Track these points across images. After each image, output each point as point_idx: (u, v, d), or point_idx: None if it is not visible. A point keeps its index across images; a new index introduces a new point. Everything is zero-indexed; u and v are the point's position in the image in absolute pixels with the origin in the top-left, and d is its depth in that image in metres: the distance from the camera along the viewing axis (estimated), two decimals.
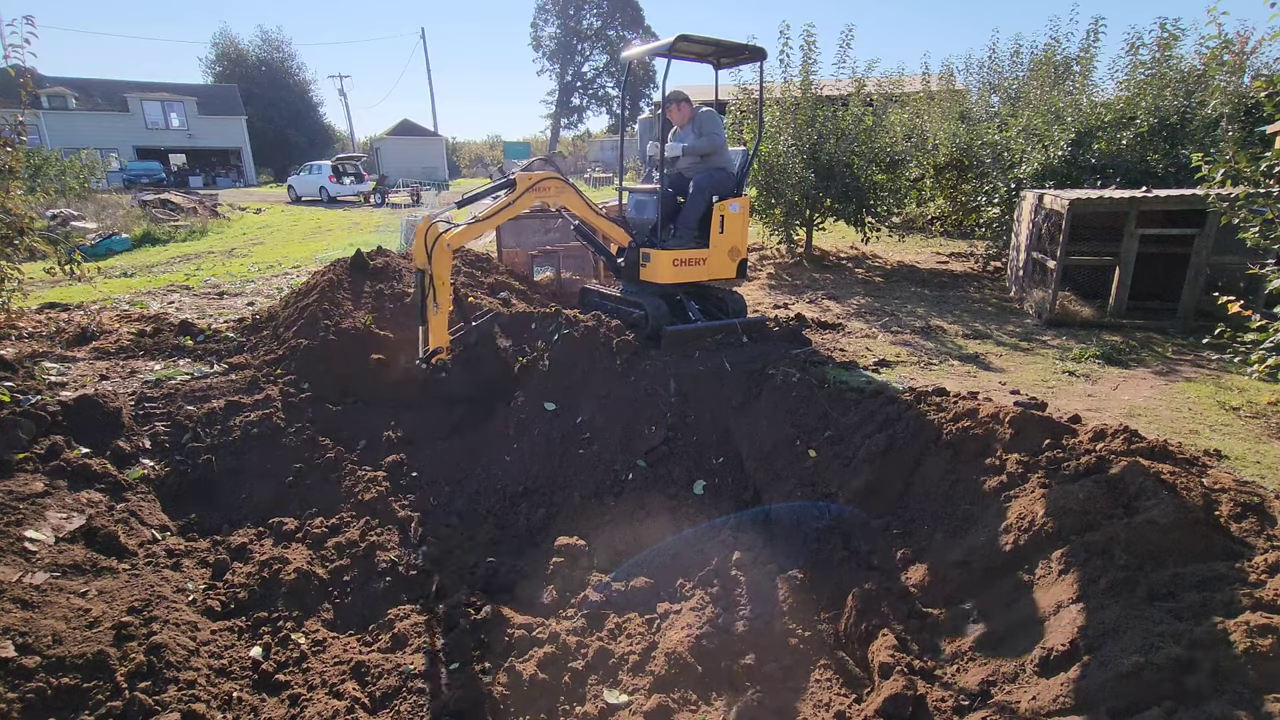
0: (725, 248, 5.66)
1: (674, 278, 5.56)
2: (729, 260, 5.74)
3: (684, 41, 5.28)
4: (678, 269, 5.52)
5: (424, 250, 4.48)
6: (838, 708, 2.78)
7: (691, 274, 5.63)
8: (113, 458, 4.06)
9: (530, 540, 4.26)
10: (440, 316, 4.60)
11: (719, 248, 5.64)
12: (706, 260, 5.62)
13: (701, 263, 5.61)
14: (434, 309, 4.56)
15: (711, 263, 5.66)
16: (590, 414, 4.84)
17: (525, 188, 4.95)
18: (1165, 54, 9.15)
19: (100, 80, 37.48)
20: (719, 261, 5.69)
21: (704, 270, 5.65)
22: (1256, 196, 4.45)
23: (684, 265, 5.54)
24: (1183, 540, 2.72)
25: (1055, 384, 4.98)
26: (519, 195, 4.93)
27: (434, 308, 4.56)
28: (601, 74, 63.25)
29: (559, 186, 5.17)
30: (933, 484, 3.65)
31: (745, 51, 5.82)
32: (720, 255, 5.67)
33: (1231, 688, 2.16)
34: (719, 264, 5.70)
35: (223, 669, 3.06)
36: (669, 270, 5.49)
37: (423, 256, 4.50)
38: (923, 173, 10.97)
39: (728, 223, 5.60)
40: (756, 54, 5.82)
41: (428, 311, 4.59)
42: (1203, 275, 6.20)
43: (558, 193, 5.18)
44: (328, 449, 4.61)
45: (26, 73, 5.49)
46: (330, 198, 26.79)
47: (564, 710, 2.95)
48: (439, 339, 4.66)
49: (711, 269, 5.68)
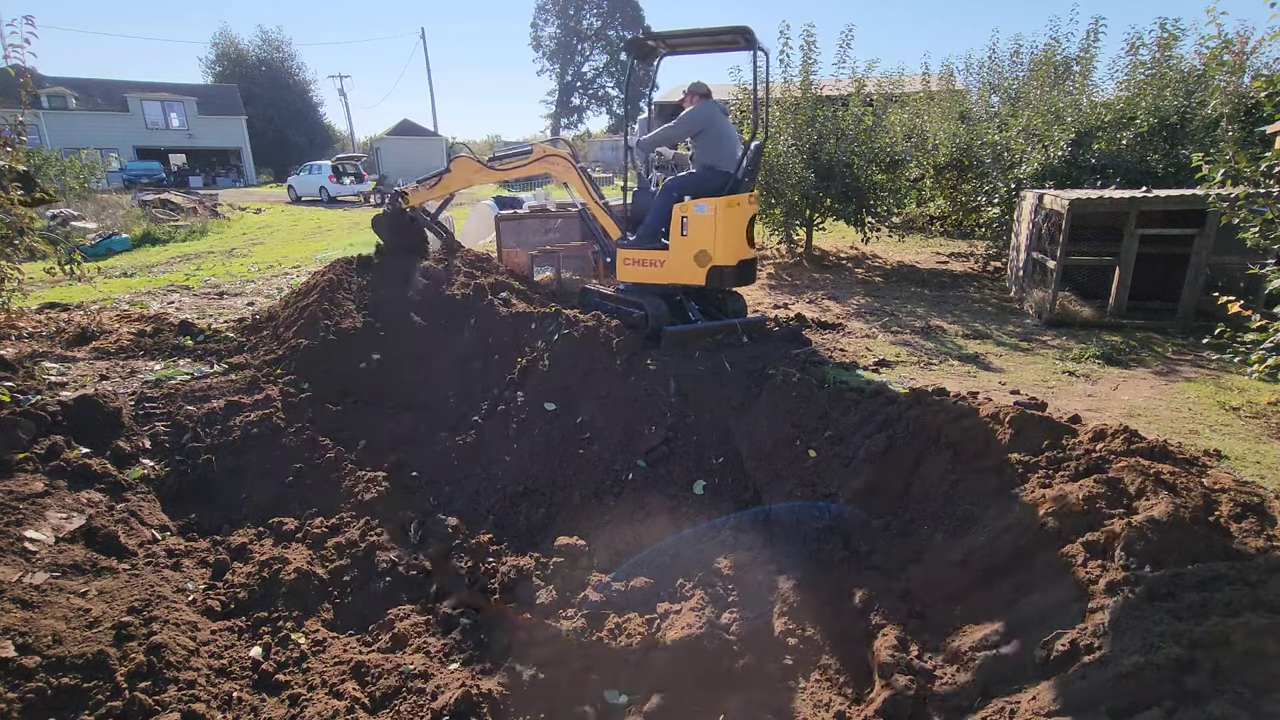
0: (689, 251, 5.26)
1: (628, 277, 5.56)
2: (693, 265, 5.27)
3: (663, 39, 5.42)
4: (629, 268, 5.50)
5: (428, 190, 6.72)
6: (838, 708, 2.78)
7: (647, 275, 5.42)
8: (113, 458, 4.06)
9: (530, 540, 4.26)
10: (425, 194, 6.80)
11: (680, 251, 5.29)
12: (664, 263, 5.32)
13: (659, 264, 5.33)
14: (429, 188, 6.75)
15: (670, 266, 5.32)
16: (590, 414, 4.84)
17: (540, 155, 5.97)
18: (1165, 54, 9.15)
19: (100, 80, 37.46)
20: (681, 265, 5.30)
21: (662, 273, 5.35)
22: (1256, 196, 4.45)
23: (636, 265, 5.41)
24: (1183, 540, 2.72)
25: (1055, 384, 4.98)
26: (533, 160, 6.03)
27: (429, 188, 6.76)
28: (601, 74, 63.22)
29: (565, 166, 5.88)
30: (933, 484, 3.65)
31: (726, 35, 5.38)
32: (683, 258, 5.28)
33: (1231, 688, 2.16)
34: (681, 268, 5.30)
35: (223, 669, 3.06)
36: (623, 270, 5.53)
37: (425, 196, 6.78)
38: (923, 173, 10.97)
39: (691, 224, 5.19)
40: (739, 34, 5.26)
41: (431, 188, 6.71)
42: (1203, 275, 6.20)
43: (564, 171, 5.90)
44: (328, 449, 4.61)
45: (26, 73, 5.48)
46: (330, 198, 26.78)
47: (564, 710, 2.95)
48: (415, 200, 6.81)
49: (670, 272, 5.34)
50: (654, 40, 5.56)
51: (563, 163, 5.88)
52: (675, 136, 5.62)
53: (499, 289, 6.09)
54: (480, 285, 5.90)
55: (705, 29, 5.40)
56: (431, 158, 44.99)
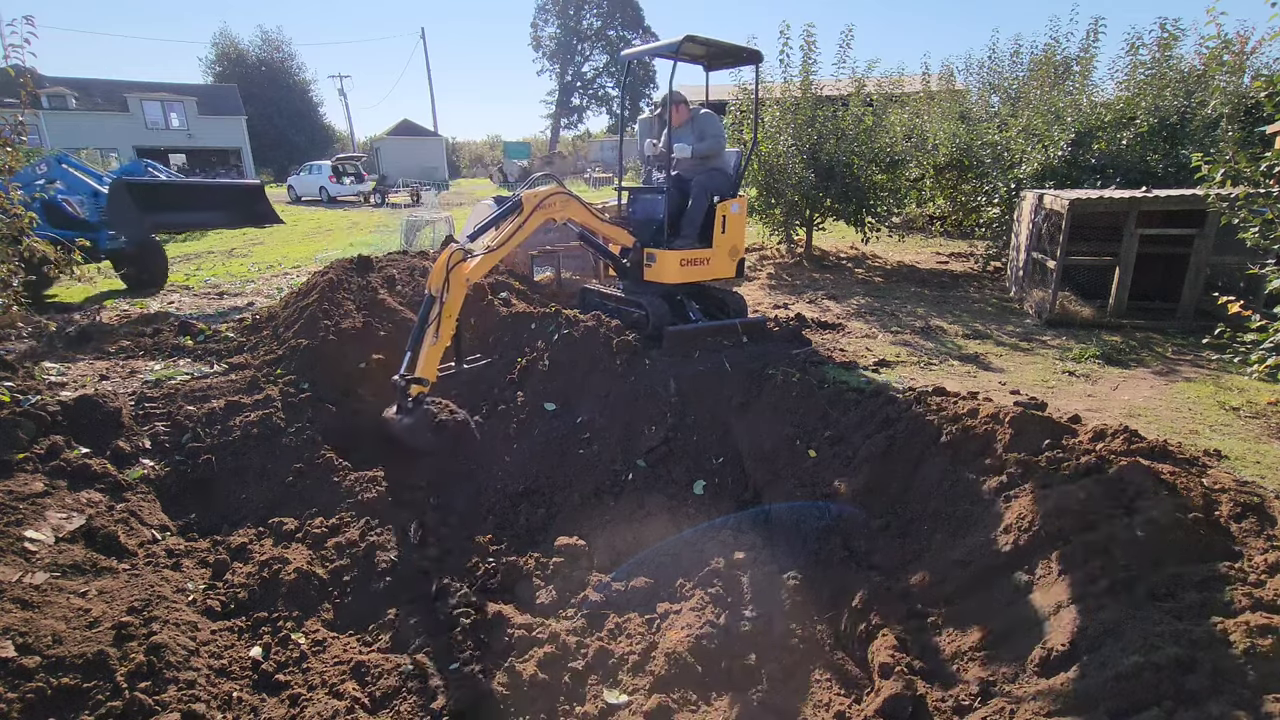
0: (726, 247, 5.73)
1: (680, 278, 5.61)
2: (729, 260, 5.81)
3: (690, 43, 5.29)
4: (684, 269, 5.57)
5: (442, 277, 4.21)
6: (838, 708, 2.78)
7: (696, 274, 5.69)
8: (113, 458, 4.06)
9: (530, 540, 4.26)
10: (436, 350, 4.23)
11: (721, 247, 5.70)
12: (710, 260, 5.69)
13: (705, 262, 5.68)
14: (433, 340, 4.20)
15: (714, 263, 5.73)
16: (590, 414, 4.84)
17: (532, 207, 4.83)
18: (1165, 54, 9.16)
19: (100, 80, 37.45)
20: (721, 261, 5.76)
21: (708, 270, 5.72)
22: (1256, 196, 4.45)
23: (690, 265, 5.60)
24: (1183, 540, 2.72)
25: (1055, 384, 4.98)
26: (528, 216, 4.81)
27: (433, 339, 4.20)
28: (601, 74, 63.26)
29: (563, 200, 5.07)
30: (933, 484, 3.65)
31: (744, 54, 5.85)
32: (722, 255, 5.74)
33: (1231, 688, 2.16)
34: (721, 263, 5.77)
35: (223, 669, 3.06)
36: (675, 270, 5.53)
37: (438, 283, 4.22)
38: (923, 173, 10.97)
39: (729, 223, 5.68)
40: (754, 57, 5.85)
41: (424, 338, 4.22)
42: (1203, 275, 6.20)
43: (562, 207, 5.06)
44: (327, 448, 4.61)
45: (26, 73, 5.48)
46: (330, 198, 26.80)
47: (564, 710, 2.95)
48: (427, 371, 4.20)
49: (714, 269, 5.75)
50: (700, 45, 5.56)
51: (560, 199, 5.05)
52: (722, 145, 5.84)
53: (499, 289, 6.10)
54: (480, 285, 5.90)
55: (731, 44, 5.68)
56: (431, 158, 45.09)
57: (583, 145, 53.40)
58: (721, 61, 6.11)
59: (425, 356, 4.18)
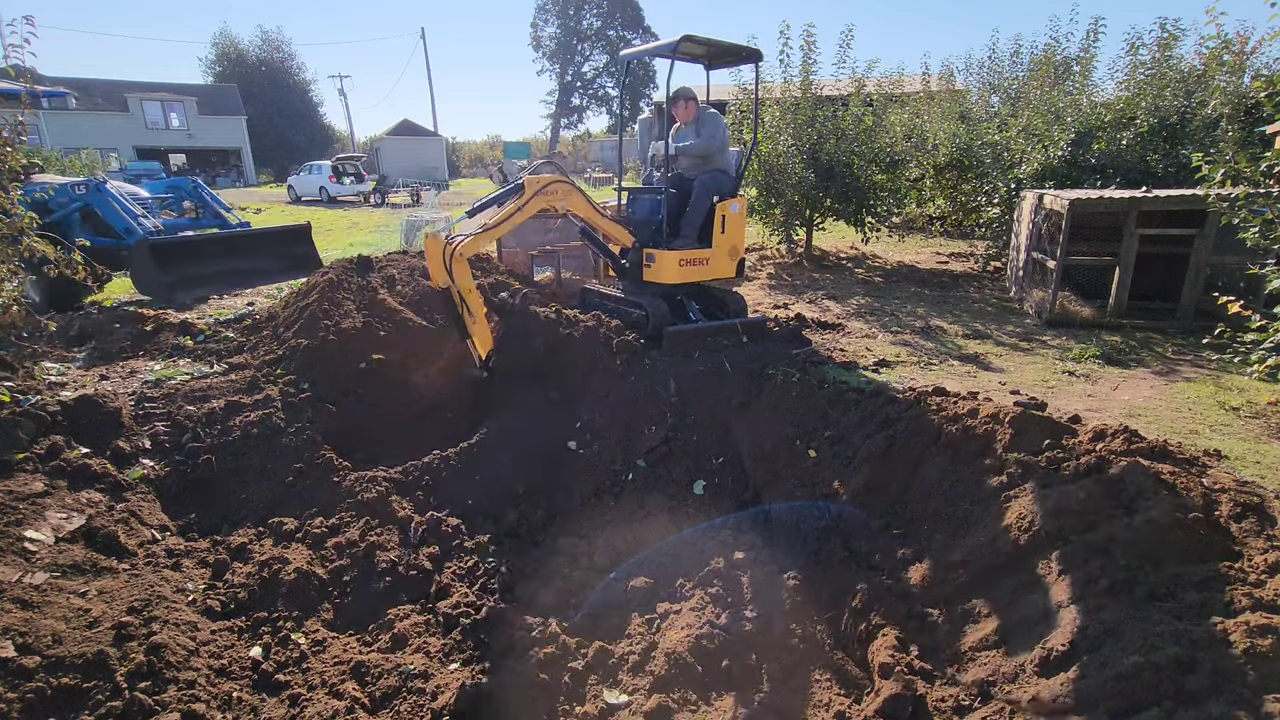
0: (726, 247, 5.73)
1: (679, 278, 5.60)
2: (729, 260, 5.80)
3: (687, 42, 5.29)
4: (683, 269, 5.56)
5: (442, 268, 4.47)
6: (838, 708, 2.78)
7: (696, 274, 5.67)
8: (113, 458, 4.06)
9: (530, 540, 4.26)
10: (480, 323, 4.71)
11: (720, 247, 5.70)
12: (709, 260, 5.68)
13: (705, 262, 5.67)
14: (471, 319, 4.63)
15: (714, 263, 5.72)
16: (590, 414, 4.84)
17: (533, 192, 4.88)
18: (1165, 54, 9.16)
19: (100, 80, 37.44)
20: (720, 261, 5.75)
21: (707, 270, 5.71)
22: (1256, 196, 4.45)
23: (689, 265, 5.59)
24: (1183, 540, 2.72)
25: (1055, 384, 4.98)
26: (528, 199, 4.87)
27: (471, 318, 4.63)
28: (601, 74, 63.27)
29: (565, 190, 5.10)
30: (933, 484, 3.65)
31: (743, 53, 5.85)
32: (721, 255, 5.73)
33: (1231, 688, 2.16)
34: (720, 264, 5.76)
35: (223, 669, 3.06)
36: (675, 271, 5.52)
37: (442, 274, 4.49)
38: (923, 173, 10.97)
39: (729, 223, 5.67)
40: (752, 55, 5.84)
41: (466, 323, 4.69)
42: (1203, 275, 6.20)
43: (564, 196, 5.10)
44: (327, 448, 4.60)
45: (26, 73, 5.47)
46: (330, 198, 26.77)
47: (564, 710, 2.95)
48: (486, 344, 4.79)
49: (714, 269, 5.74)
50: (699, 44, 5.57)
51: (562, 187, 5.08)
52: (722, 144, 5.81)
53: (499, 289, 6.10)
54: (479, 285, 5.90)
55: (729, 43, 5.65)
56: (431, 158, 45.06)
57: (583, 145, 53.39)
58: (721, 60, 6.10)
59: (476, 336, 4.77)
